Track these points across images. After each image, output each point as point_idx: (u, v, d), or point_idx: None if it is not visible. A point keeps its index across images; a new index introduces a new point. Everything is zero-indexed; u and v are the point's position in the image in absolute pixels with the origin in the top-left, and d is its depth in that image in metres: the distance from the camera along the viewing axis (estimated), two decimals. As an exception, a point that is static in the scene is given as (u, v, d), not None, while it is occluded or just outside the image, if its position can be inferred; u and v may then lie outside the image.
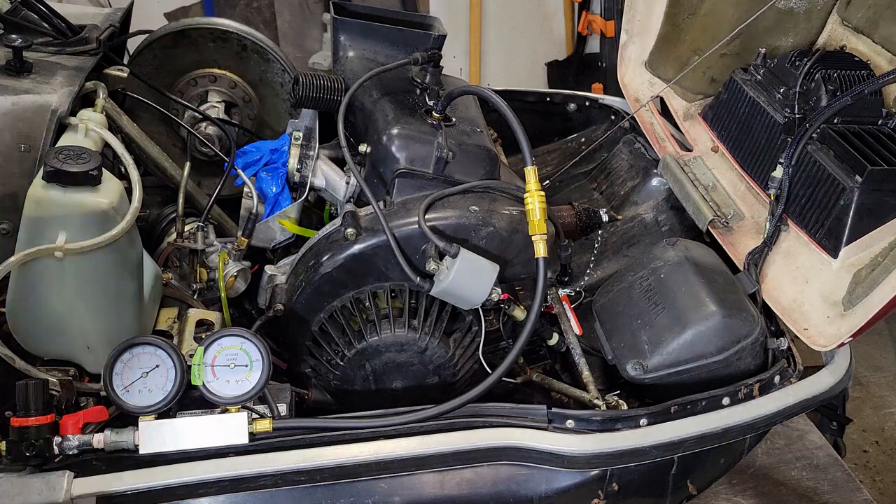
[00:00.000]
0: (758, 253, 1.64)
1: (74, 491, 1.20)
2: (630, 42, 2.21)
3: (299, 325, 1.53)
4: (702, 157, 1.96)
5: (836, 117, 1.64)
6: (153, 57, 1.89)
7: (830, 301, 1.50)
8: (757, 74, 1.88)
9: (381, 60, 1.81)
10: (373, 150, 1.58)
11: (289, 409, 1.35)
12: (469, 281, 1.40)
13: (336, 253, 1.46)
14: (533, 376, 1.64)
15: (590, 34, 4.15)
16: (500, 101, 1.50)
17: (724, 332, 1.45)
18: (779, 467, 2.17)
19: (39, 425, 1.19)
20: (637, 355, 1.48)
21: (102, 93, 1.54)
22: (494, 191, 1.54)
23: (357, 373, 1.53)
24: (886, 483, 2.50)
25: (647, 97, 2.13)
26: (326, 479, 1.30)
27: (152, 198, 1.83)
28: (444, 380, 1.56)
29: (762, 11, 1.85)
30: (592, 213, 1.81)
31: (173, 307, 1.54)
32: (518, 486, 1.37)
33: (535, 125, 2.31)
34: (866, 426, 2.72)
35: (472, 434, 1.35)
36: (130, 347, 1.24)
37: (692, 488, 1.51)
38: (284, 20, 3.91)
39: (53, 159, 1.26)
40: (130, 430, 1.24)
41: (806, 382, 1.52)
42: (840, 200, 1.52)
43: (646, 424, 1.39)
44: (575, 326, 1.69)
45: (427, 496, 1.35)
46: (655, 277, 1.57)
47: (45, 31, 1.58)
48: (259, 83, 1.98)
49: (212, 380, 1.27)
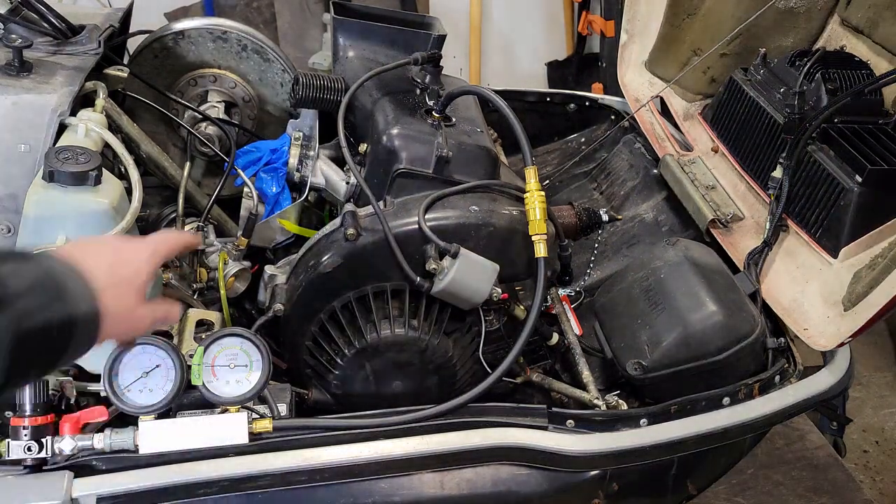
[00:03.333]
0: (758, 253, 1.64)
1: (74, 491, 1.20)
2: (630, 42, 2.21)
3: (299, 325, 1.53)
4: (702, 157, 1.96)
5: (836, 117, 1.64)
6: (153, 57, 1.89)
7: (830, 301, 1.50)
8: (757, 74, 1.88)
9: (381, 60, 1.81)
10: (373, 149, 1.58)
11: (289, 409, 1.35)
12: (469, 281, 1.40)
13: (336, 253, 1.46)
14: (533, 376, 1.64)
15: (590, 34, 4.15)
16: (500, 101, 1.49)
17: (724, 332, 1.45)
18: (779, 467, 2.17)
19: (39, 425, 1.19)
20: (637, 355, 1.48)
21: (102, 93, 1.54)
22: (494, 191, 1.54)
23: (357, 373, 1.53)
24: (886, 483, 2.50)
25: (647, 97, 2.13)
26: (326, 479, 1.30)
27: (152, 198, 1.83)
28: (444, 380, 1.56)
29: (762, 11, 1.85)
30: (592, 213, 1.81)
31: (173, 307, 1.54)
32: (518, 486, 1.37)
33: (535, 125, 2.31)
34: (866, 426, 2.72)
35: (472, 434, 1.35)
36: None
37: (692, 488, 1.51)
38: (284, 20, 3.91)
39: (53, 159, 1.26)
40: (130, 430, 1.24)
41: (806, 382, 1.52)
42: (840, 200, 1.52)
43: (646, 424, 1.39)
44: (575, 326, 1.69)
45: (427, 496, 1.35)
46: (655, 277, 1.57)
47: (45, 30, 1.58)
48: (259, 83, 1.98)
49: (212, 380, 1.26)
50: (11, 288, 0.79)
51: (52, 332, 0.83)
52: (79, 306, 0.86)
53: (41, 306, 0.81)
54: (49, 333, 0.82)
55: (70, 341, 0.86)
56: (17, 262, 0.83)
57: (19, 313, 0.78)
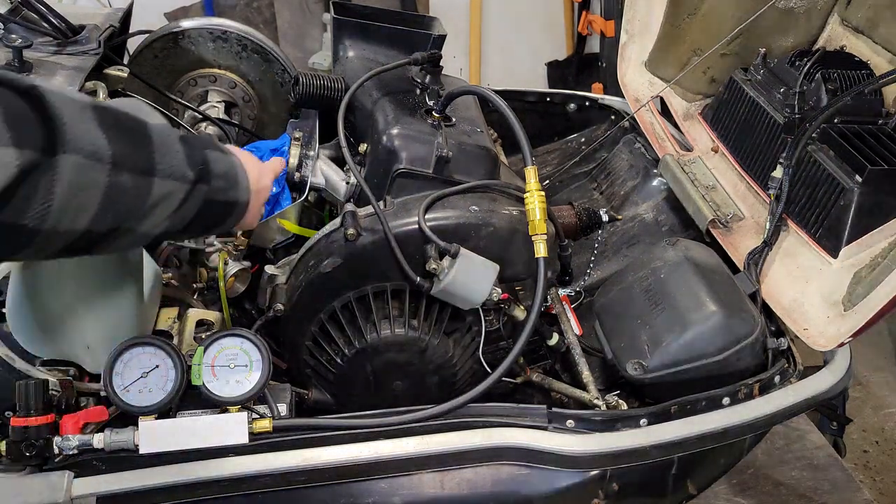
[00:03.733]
0: (758, 253, 1.64)
1: (74, 491, 1.20)
2: (630, 42, 2.21)
3: (299, 325, 1.53)
4: (702, 157, 1.96)
5: (835, 117, 1.64)
6: (153, 57, 1.89)
7: (830, 301, 1.50)
8: (757, 74, 1.88)
9: (381, 60, 1.81)
10: (373, 149, 1.58)
11: (289, 409, 1.35)
12: (469, 281, 1.40)
13: (336, 253, 1.46)
14: (533, 376, 1.64)
15: (590, 34, 4.15)
16: (500, 101, 1.49)
17: (724, 332, 1.45)
18: (779, 467, 2.17)
19: (39, 425, 1.19)
20: (637, 355, 1.48)
21: (102, 93, 1.54)
22: (494, 191, 1.54)
23: (357, 373, 1.53)
24: (886, 483, 2.50)
25: (647, 97, 2.13)
26: (326, 479, 1.30)
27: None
28: (444, 380, 1.56)
29: (762, 11, 1.85)
30: (592, 213, 1.81)
31: (173, 307, 1.54)
32: (518, 486, 1.37)
33: (535, 125, 2.31)
34: (866, 426, 2.72)
35: (472, 434, 1.35)
36: (130, 347, 1.24)
37: (692, 488, 1.51)
38: (284, 20, 3.91)
39: (53, 159, 1.26)
40: (130, 430, 1.24)
41: (806, 382, 1.52)
42: (840, 200, 1.52)
43: (646, 424, 1.39)
44: (575, 326, 1.69)
45: (427, 496, 1.35)
46: (655, 277, 1.57)
47: (45, 30, 1.58)
48: (259, 83, 1.98)
49: (212, 380, 1.26)
50: (214, 171, 1.10)
51: (223, 208, 1.15)
52: (242, 196, 1.18)
53: (224, 188, 1.13)
54: (221, 208, 1.14)
55: (228, 218, 1.18)
56: (218, 152, 1.14)
57: (213, 188, 1.09)
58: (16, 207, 0.82)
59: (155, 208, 1.00)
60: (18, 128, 0.80)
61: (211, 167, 1.09)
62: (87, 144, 0.88)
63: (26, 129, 0.81)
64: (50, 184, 0.83)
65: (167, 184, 1.00)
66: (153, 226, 1.02)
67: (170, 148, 1.01)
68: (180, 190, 1.03)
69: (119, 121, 0.95)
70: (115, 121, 0.94)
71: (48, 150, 0.83)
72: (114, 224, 0.95)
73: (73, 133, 0.86)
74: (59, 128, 0.85)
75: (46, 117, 0.84)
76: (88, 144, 0.88)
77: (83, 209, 0.90)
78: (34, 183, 0.82)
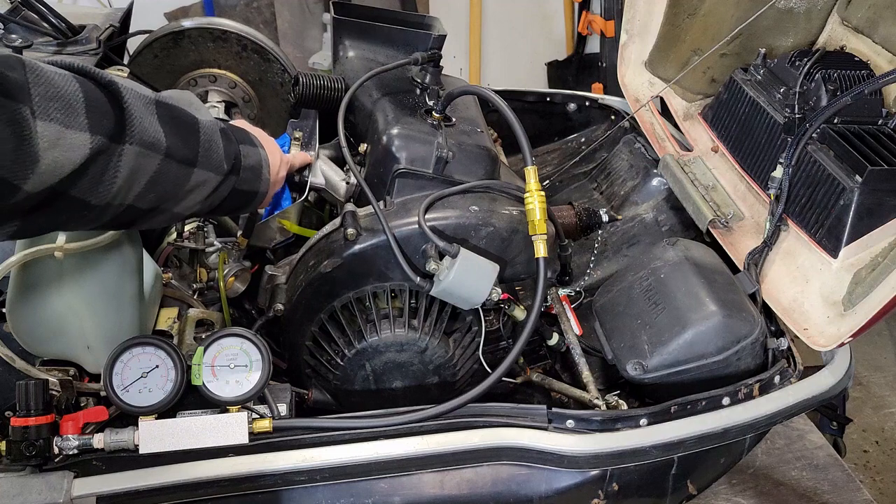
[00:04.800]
0: (758, 253, 1.64)
1: (74, 491, 1.20)
2: (630, 42, 2.21)
3: (299, 325, 1.53)
4: (702, 157, 1.96)
5: (836, 117, 1.64)
6: (153, 57, 1.89)
7: (830, 301, 1.50)
8: (757, 74, 1.88)
9: (381, 60, 1.81)
10: (373, 149, 1.58)
11: (289, 409, 1.35)
12: (469, 281, 1.40)
13: (336, 253, 1.46)
14: (533, 376, 1.64)
15: (590, 34, 4.16)
16: (500, 101, 1.49)
17: (724, 332, 1.45)
18: (779, 467, 2.17)
19: (39, 425, 1.19)
20: (637, 355, 1.48)
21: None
22: (494, 191, 1.54)
23: (357, 373, 1.53)
24: (886, 483, 2.50)
25: (647, 97, 2.13)
26: (326, 479, 1.30)
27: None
28: (444, 380, 1.56)
29: (762, 11, 1.85)
30: (592, 213, 1.81)
31: (173, 307, 1.54)
32: (518, 486, 1.37)
33: (535, 125, 2.32)
34: (866, 426, 2.72)
35: (472, 434, 1.35)
36: (130, 347, 1.24)
37: (692, 488, 1.51)
38: (284, 20, 3.92)
39: (54, 159, 1.26)
40: (130, 430, 1.24)
41: (806, 382, 1.52)
42: (840, 200, 1.52)
43: (646, 424, 1.39)
44: (575, 326, 1.69)
45: (427, 496, 1.35)
46: (655, 277, 1.57)
47: (45, 30, 1.58)
48: (259, 83, 1.98)
49: (212, 380, 1.27)
50: (244, 164, 1.24)
51: (245, 196, 1.28)
52: (263, 187, 1.32)
53: (250, 180, 1.27)
54: (244, 196, 1.28)
55: (247, 205, 1.32)
56: (248, 146, 1.28)
57: (241, 178, 1.24)
58: (84, 185, 0.94)
59: (191, 193, 1.13)
60: (95, 115, 0.93)
61: (242, 161, 1.24)
62: (149, 137, 1.01)
63: (102, 117, 0.94)
64: (115, 168, 0.96)
65: (204, 174, 1.14)
66: (186, 208, 1.15)
67: (213, 143, 1.15)
68: (214, 180, 1.17)
69: (175, 117, 1.08)
70: (171, 117, 1.07)
71: (116, 138, 0.96)
72: (155, 203, 1.08)
73: (139, 126, 0.99)
74: (128, 120, 0.97)
75: (120, 110, 0.97)
76: (149, 137, 1.01)
77: (133, 189, 1.02)
78: (102, 165, 0.95)
